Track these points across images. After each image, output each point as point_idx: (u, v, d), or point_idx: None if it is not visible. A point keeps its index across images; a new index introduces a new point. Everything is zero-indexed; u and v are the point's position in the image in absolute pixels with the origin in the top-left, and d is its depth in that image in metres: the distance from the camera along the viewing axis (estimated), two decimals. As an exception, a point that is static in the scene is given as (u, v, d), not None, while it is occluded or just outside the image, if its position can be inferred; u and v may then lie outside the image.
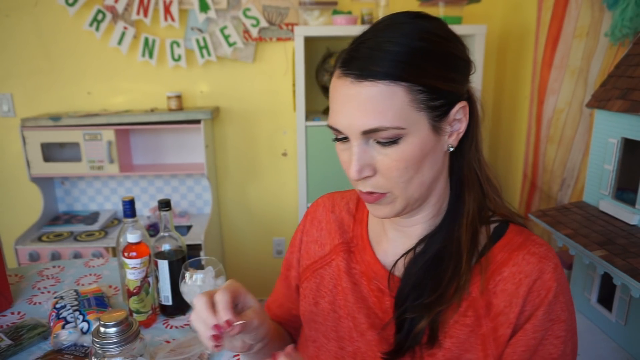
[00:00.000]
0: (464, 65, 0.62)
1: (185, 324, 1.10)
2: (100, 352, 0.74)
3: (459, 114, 0.61)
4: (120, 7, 2.10)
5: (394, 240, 0.71)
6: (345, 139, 0.61)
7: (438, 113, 0.59)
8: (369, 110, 0.56)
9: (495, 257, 0.64)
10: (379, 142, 0.58)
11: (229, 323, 0.59)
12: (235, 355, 0.99)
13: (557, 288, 0.61)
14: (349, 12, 2.06)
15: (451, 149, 0.63)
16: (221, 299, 0.60)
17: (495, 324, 0.62)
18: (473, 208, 0.66)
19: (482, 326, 0.62)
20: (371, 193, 0.62)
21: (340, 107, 0.59)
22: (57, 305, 1.05)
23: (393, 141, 0.57)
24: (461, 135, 0.63)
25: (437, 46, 0.58)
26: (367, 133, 0.58)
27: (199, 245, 2.08)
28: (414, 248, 0.68)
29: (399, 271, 0.68)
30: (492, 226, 0.68)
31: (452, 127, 0.62)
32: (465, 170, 0.67)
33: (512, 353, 0.61)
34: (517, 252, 0.64)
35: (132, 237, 1.03)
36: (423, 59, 0.57)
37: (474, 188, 0.67)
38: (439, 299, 0.62)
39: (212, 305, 0.60)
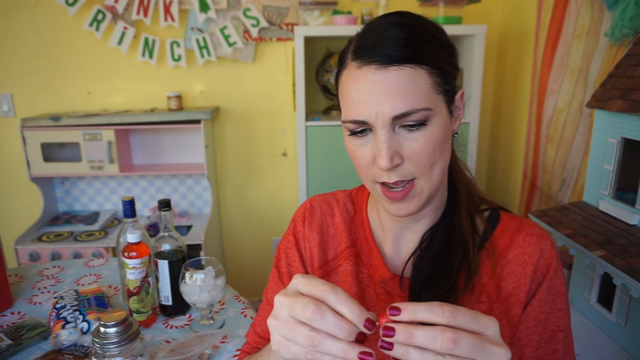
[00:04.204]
0: (457, 57, 0.65)
1: (185, 324, 1.10)
2: (100, 352, 0.74)
3: (459, 100, 0.64)
4: (120, 7, 2.10)
5: (397, 239, 0.71)
6: (363, 132, 0.60)
7: (449, 97, 0.61)
8: (399, 94, 0.56)
9: (497, 242, 0.67)
10: (406, 128, 0.58)
11: (370, 323, 0.45)
12: (234, 356, 0.99)
13: (556, 263, 0.66)
14: (349, 12, 2.06)
15: (455, 136, 0.66)
16: (343, 294, 0.46)
17: (506, 306, 0.64)
18: (465, 195, 0.70)
19: (494, 310, 0.64)
20: (399, 186, 0.60)
21: (364, 96, 0.57)
22: (57, 305, 1.05)
23: (421, 123, 0.58)
24: (460, 120, 0.66)
25: (441, 35, 0.62)
26: (398, 118, 0.57)
27: (199, 245, 2.08)
28: (419, 246, 0.68)
29: (407, 271, 0.68)
30: (485, 214, 0.71)
31: (455, 112, 0.64)
32: (453, 159, 0.70)
33: (525, 329, 0.65)
34: (517, 235, 0.67)
35: (132, 237, 1.03)
36: (436, 45, 0.59)
37: (462, 176, 0.71)
38: (452, 289, 0.63)
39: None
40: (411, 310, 0.44)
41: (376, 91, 0.57)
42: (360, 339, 0.45)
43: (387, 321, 0.44)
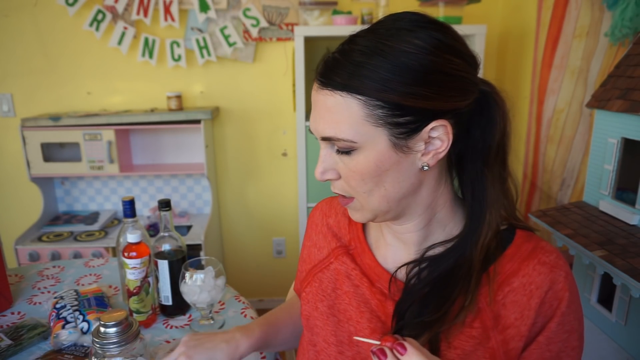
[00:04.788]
0: (449, 81, 0.55)
1: (185, 324, 1.10)
2: (100, 352, 0.74)
3: (435, 132, 0.56)
4: (120, 7, 2.10)
5: (393, 245, 0.70)
6: None
7: (403, 130, 0.55)
8: (326, 119, 0.57)
9: (504, 267, 0.62)
10: (337, 150, 0.59)
11: None
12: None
13: (570, 297, 0.60)
14: (349, 12, 2.06)
15: (425, 168, 0.58)
16: None
17: (505, 337, 0.60)
18: (493, 228, 0.61)
19: (490, 339, 0.60)
20: (341, 196, 0.64)
21: (312, 109, 0.61)
22: (57, 305, 1.05)
23: (348, 152, 0.58)
24: (441, 155, 0.57)
25: (414, 61, 0.53)
26: (325, 139, 0.59)
27: (199, 245, 2.08)
28: (419, 261, 0.65)
29: (402, 277, 0.67)
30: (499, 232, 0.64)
31: (429, 145, 0.57)
32: (489, 188, 0.61)
33: None
34: (527, 262, 0.61)
35: (132, 237, 1.03)
36: (389, 74, 0.53)
37: (497, 206, 0.62)
38: (442, 318, 0.59)
39: None
40: None
41: (314, 109, 0.59)
42: None
43: (386, 345, 0.52)
